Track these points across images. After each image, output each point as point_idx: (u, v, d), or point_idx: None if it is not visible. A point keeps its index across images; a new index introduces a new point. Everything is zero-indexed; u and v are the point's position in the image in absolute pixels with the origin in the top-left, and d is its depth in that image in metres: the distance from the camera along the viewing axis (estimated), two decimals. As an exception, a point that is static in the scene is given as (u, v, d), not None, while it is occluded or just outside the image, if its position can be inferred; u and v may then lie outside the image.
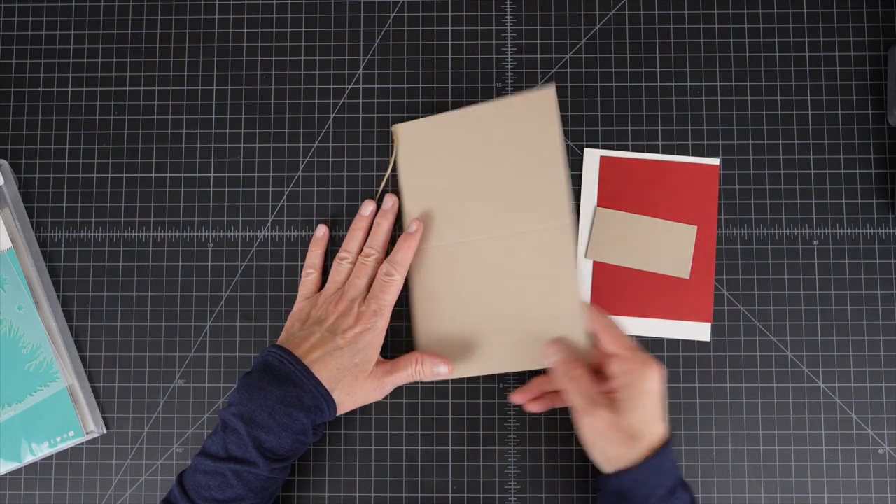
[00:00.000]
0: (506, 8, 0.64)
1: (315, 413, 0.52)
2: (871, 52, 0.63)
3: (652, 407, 0.50)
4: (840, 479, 0.60)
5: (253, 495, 0.52)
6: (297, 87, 0.64)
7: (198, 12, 0.64)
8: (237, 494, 0.51)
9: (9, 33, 0.64)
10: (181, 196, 0.63)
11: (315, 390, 0.52)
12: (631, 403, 0.49)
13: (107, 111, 0.64)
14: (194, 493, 0.51)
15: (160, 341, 0.62)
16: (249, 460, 0.51)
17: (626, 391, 0.50)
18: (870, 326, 0.61)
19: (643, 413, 0.49)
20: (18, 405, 0.61)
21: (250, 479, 0.51)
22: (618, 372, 0.50)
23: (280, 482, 0.55)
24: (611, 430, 0.49)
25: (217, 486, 0.51)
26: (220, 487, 0.51)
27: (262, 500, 0.53)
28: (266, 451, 0.51)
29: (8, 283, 0.61)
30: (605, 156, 0.62)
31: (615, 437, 0.49)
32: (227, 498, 0.51)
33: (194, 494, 0.51)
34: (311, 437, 0.53)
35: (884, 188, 0.62)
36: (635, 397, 0.49)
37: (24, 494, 0.61)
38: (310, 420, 0.52)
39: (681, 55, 0.63)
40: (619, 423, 0.49)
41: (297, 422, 0.51)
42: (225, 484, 0.51)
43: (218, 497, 0.51)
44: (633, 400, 0.49)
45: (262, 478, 0.51)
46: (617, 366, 0.51)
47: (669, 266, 0.61)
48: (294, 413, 0.51)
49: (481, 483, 0.60)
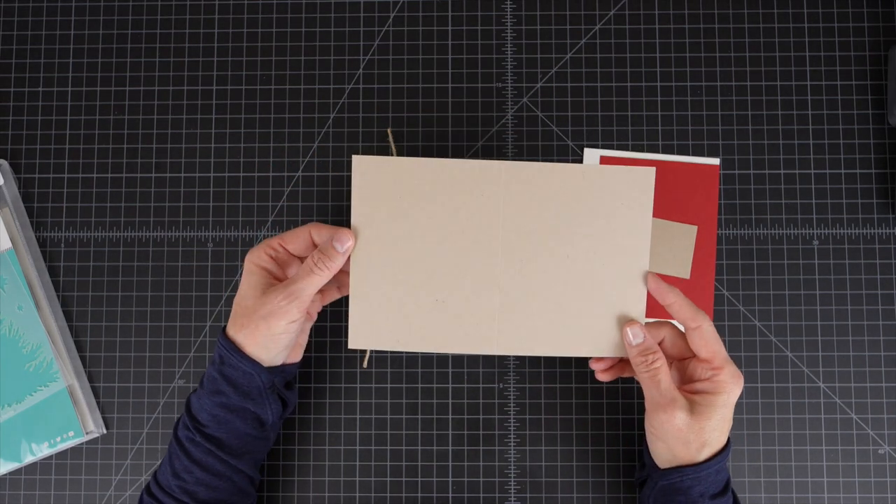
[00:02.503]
0: (506, 8, 0.64)
1: (221, 362, 0.51)
2: (871, 52, 0.63)
3: (728, 419, 0.50)
4: (840, 479, 0.60)
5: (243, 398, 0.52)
6: (297, 87, 0.64)
7: (198, 12, 0.64)
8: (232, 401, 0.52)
9: (9, 33, 0.64)
10: (181, 196, 0.63)
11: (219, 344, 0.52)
12: (711, 411, 0.49)
13: (107, 111, 0.64)
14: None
15: (160, 341, 0.62)
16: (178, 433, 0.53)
17: (709, 398, 0.49)
18: (870, 326, 0.61)
19: (719, 422, 0.50)
20: (18, 405, 0.61)
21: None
22: (704, 377, 0.50)
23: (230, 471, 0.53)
24: (686, 431, 0.49)
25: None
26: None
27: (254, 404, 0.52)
28: (196, 420, 0.52)
29: (8, 283, 0.61)
30: (605, 156, 0.62)
31: (687, 438, 0.49)
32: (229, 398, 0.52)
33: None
34: (250, 419, 0.52)
35: (884, 188, 0.62)
36: (716, 406, 0.49)
37: (24, 494, 0.61)
38: (215, 369, 0.52)
39: (681, 55, 0.63)
40: (694, 427, 0.49)
41: (211, 381, 0.52)
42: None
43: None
44: (714, 408, 0.49)
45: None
46: (705, 372, 0.50)
47: (669, 266, 0.61)
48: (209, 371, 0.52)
49: (481, 483, 0.60)
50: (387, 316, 0.53)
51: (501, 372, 0.61)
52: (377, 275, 0.53)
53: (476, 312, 0.53)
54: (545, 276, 0.53)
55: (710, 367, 0.50)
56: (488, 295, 0.53)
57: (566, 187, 0.52)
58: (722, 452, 0.50)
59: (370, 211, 0.52)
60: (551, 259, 0.53)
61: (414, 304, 0.53)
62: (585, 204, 0.52)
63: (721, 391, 0.49)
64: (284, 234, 0.52)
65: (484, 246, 0.53)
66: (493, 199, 0.52)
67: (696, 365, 0.51)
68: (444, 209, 0.52)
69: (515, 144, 0.63)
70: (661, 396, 0.50)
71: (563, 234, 0.53)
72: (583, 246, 0.53)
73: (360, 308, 0.53)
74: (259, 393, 0.52)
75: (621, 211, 0.52)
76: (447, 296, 0.53)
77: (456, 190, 0.52)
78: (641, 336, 0.52)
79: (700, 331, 0.50)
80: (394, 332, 0.53)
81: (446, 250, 0.53)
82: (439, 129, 0.63)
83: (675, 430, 0.49)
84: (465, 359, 0.61)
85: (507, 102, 0.63)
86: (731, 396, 0.50)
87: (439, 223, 0.52)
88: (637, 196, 0.52)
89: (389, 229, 0.52)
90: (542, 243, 0.53)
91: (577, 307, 0.53)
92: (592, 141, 0.63)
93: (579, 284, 0.53)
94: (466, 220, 0.52)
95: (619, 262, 0.53)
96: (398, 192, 0.52)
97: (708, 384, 0.50)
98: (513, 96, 0.63)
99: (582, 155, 0.62)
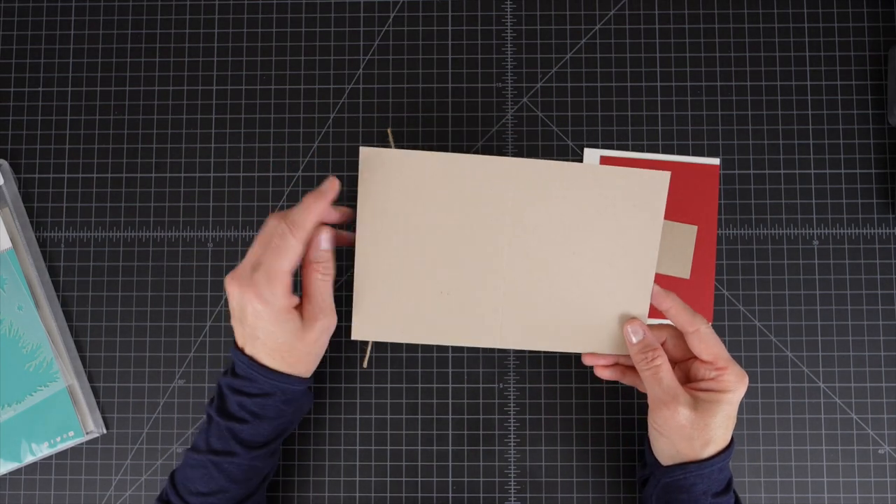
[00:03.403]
0: (506, 8, 0.64)
1: (257, 394, 0.51)
2: (871, 52, 0.63)
3: (732, 417, 0.50)
4: (840, 479, 0.60)
5: (236, 486, 0.52)
6: (297, 87, 0.64)
7: (198, 12, 0.64)
8: (220, 486, 0.51)
9: (9, 33, 0.64)
10: (181, 196, 0.63)
11: (248, 369, 0.51)
12: (716, 408, 0.49)
13: (107, 111, 0.64)
14: (182, 488, 0.52)
15: (160, 341, 0.62)
16: (228, 451, 0.51)
17: (713, 395, 0.50)
18: (870, 326, 0.61)
19: (723, 419, 0.50)
20: (18, 405, 0.61)
21: (231, 469, 0.51)
22: (708, 377, 0.50)
23: (267, 469, 0.54)
24: (689, 428, 0.49)
25: (200, 478, 0.51)
26: (204, 480, 0.51)
27: (248, 489, 0.53)
28: (244, 441, 0.51)
29: (8, 283, 0.61)
30: (605, 156, 0.62)
31: (691, 434, 0.49)
32: (210, 490, 0.51)
33: (182, 490, 0.52)
34: (289, 416, 0.53)
35: (884, 188, 0.62)
36: (721, 403, 0.49)
37: (23, 494, 0.61)
38: (273, 400, 0.51)
39: (681, 55, 0.63)
40: (698, 423, 0.49)
41: (265, 407, 0.51)
42: (207, 476, 0.51)
43: (202, 490, 0.51)
44: (719, 405, 0.49)
45: (242, 467, 0.51)
46: (709, 372, 0.50)
47: (669, 266, 0.61)
48: (258, 400, 0.51)
49: (481, 483, 0.60)
50: (390, 308, 0.53)
51: (501, 372, 0.61)
52: (381, 267, 0.53)
53: (480, 305, 0.53)
54: (550, 273, 0.53)
55: (713, 368, 0.50)
56: (493, 288, 0.53)
57: (576, 186, 0.52)
58: (726, 451, 0.50)
59: (375, 203, 0.52)
60: (557, 256, 0.53)
61: (418, 296, 0.53)
62: (595, 204, 0.52)
63: (727, 389, 0.49)
64: (284, 250, 0.49)
65: (490, 240, 0.53)
66: (500, 195, 0.52)
67: (699, 366, 0.51)
68: (450, 203, 0.52)
69: (515, 144, 0.63)
70: (663, 393, 0.50)
71: (570, 231, 0.53)
72: (590, 244, 0.53)
73: (363, 300, 0.53)
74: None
75: (633, 213, 0.52)
76: (452, 288, 0.53)
77: (463, 184, 0.52)
78: (641, 333, 0.52)
79: (698, 334, 0.50)
80: (397, 324, 0.53)
81: (452, 243, 0.53)
82: (439, 129, 0.63)
83: (679, 426, 0.49)
84: (466, 359, 0.61)
85: (507, 102, 0.63)
86: (737, 395, 0.50)
87: (445, 217, 0.52)
88: (650, 199, 0.52)
89: (394, 222, 0.52)
90: (549, 240, 0.53)
91: (580, 304, 0.53)
92: (592, 141, 0.63)
93: (584, 282, 0.53)
94: (472, 214, 0.52)
95: (626, 262, 0.53)
96: (404, 186, 0.52)
97: (713, 383, 0.50)
98: (513, 96, 0.63)
99: (582, 155, 0.62)
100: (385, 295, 0.53)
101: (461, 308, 0.53)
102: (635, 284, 0.53)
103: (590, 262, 0.53)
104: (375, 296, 0.53)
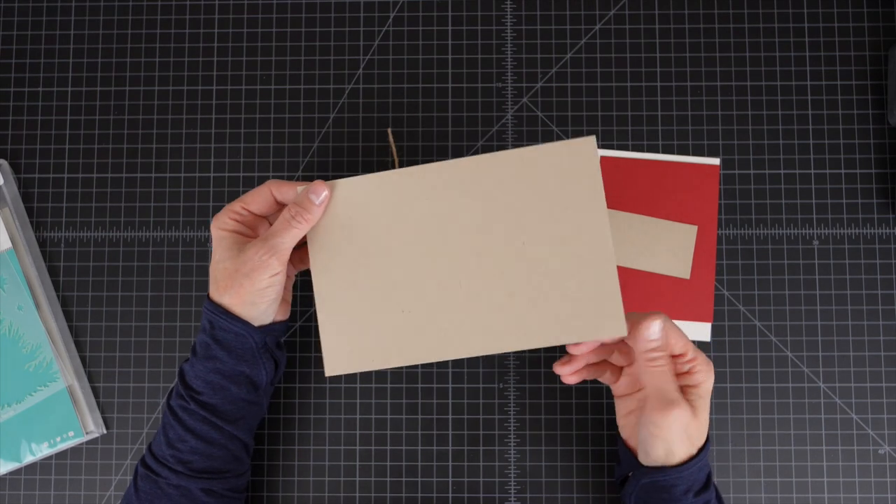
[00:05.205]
0: (506, 8, 0.64)
1: (212, 327, 0.52)
2: (871, 52, 0.63)
3: (708, 409, 0.51)
4: (840, 479, 0.60)
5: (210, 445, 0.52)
6: (297, 87, 0.64)
7: (198, 12, 0.64)
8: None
9: (9, 33, 0.64)
10: (181, 196, 0.63)
11: (207, 311, 0.52)
12: (704, 402, 0.50)
13: (107, 111, 0.64)
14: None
15: (160, 341, 0.62)
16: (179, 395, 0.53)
17: (696, 391, 0.49)
18: (870, 326, 0.61)
19: (705, 414, 0.50)
20: (18, 405, 0.61)
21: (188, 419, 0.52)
22: (682, 371, 0.50)
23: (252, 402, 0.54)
24: (691, 428, 0.49)
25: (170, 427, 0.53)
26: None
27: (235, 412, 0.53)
28: (190, 388, 0.52)
29: (8, 283, 0.61)
30: (606, 156, 0.62)
31: (691, 434, 0.49)
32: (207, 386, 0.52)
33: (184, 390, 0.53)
34: (231, 365, 0.52)
35: (884, 188, 0.62)
36: (705, 397, 0.50)
37: (23, 494, 0.61)
38: (207, 335, 0.52)
39: (681, 55, 0.63)
40: (694, 423, 0.49)
41: (204, 347, 0.52)
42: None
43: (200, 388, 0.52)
44: (705, 399, 0.50)
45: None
46: (682, 366, 0.50)
47: (669, 266, 0.61)
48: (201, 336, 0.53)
49: (481, 483, 0.60)
50: (357, 338, 0.52)
51: (501, 372, 0.61)
52: (340, 298, 0.52)
53: (443, 317, 0.51)
54: (505, 270, 0.50)
55: (685, 361, 0.50)
56: (452, 298, 0.51)
57: (508, 175, 0.50)
58: (705, 447, 0.50)
59: (322, 238, 0.52)
60: (507, 250, 0.50)
61: (381, 319, 0.51)
62: (530, 187, 0.50)
63: (704, 381, 0.49)
64: (244, 196, 0.53)
65: (439, 249, 0.51)
66: (439, 202, 0.51)
67: (675, 363, 0.51)
68: (394, 221, 0.51)
69: (515, 144, 0.63)
70: (671, 394, 0.49)
71: (514, 222, 0.50)
72: (537, 231, 0.50)
73: (329, 335, 0.52)
74: (252, 354, 0.52)
75: (569, 187, 0.50)
76: (412, 305, 0.51)
77: (401, 200, 0.51)
78: (659, 334, 0.49)
79: (671, 328, 0.50)
80: (367, 353, 0.52)
81: (403, 261, 0.51)
82: (439, 129, 0.63)
83: (683, 428, 0.49)
84: (465, 359, 0.61)
85: (507, 102, 0.63)
86: (711, 384, 0.50)
87: (392, 235, 0.51)
88: (582, 168, 0.49)
89: (344, 251, 0.52)
90: (496, 236, 0.51)
91: (544, 294, 0.50)
92: (592, 141, 0.63)
93: (542, 270, 0.50)
94: (417, 227, 0.51)
95: (580, 240, 0.50)
96: (346, 214, 0.52)
97: (689, 378, 0.50)
98: (513, 96, 0.63)
99: (582, 155, 0.62)
100: (349, 326, 0.52)
101: (425, 324, 0.51)
102: (594, 260, 0.49)
103: (541, 249, 0.50)
104: (340, 329, 0.52)
